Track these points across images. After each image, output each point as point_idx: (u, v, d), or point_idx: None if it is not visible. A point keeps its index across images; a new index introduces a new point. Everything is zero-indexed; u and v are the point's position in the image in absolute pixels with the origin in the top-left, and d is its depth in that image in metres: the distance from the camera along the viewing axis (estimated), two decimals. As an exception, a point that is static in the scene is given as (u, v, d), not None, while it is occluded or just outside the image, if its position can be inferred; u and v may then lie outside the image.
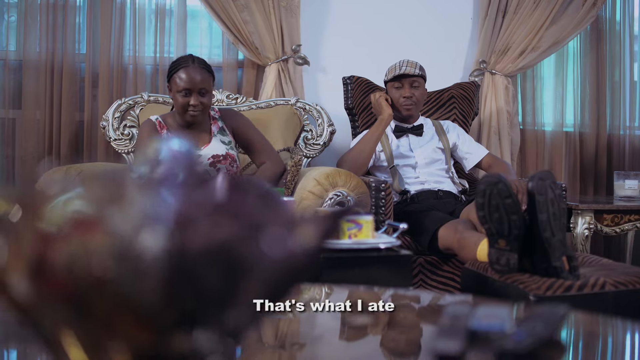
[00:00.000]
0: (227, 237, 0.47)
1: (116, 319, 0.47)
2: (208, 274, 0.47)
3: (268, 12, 3.34)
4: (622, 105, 3.79)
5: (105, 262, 0.45)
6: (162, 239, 0.46)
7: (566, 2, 3.59)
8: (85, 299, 0.46)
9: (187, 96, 2.47)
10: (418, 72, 2.88)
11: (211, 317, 0.51)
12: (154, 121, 2.56)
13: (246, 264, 0.47)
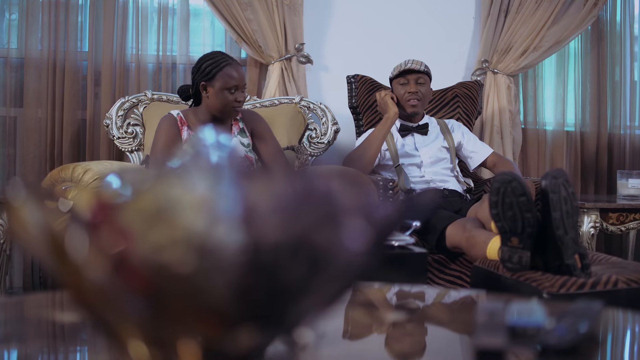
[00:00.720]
0: (305, 230, 0.46)
1: (189, 313, 0.47)
2: (285, 268, 0.47)
3: (271, 10, 3.34)
4: (623, 104, 3.80)
5: (183, 257, 0.45)
6: (238, 232, 0.46)
7: (568, 2, 3.60)
8: (161, 294, 0.46)
9: (232, 93, 2.47)
10: (423, 69, 2.88)
11: (282, 312, 0.50)
12: (175, 116, 2.54)
13: (325, 257, 0.47)
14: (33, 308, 0.96)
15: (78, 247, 0.44)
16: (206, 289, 0.46)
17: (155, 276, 0.44)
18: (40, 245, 0.49)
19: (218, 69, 2.46)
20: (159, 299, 0.45)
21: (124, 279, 0.44)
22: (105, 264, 0.44)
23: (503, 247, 1.86)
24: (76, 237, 0.44)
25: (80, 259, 0.44)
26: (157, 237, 0.44)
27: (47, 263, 0.50)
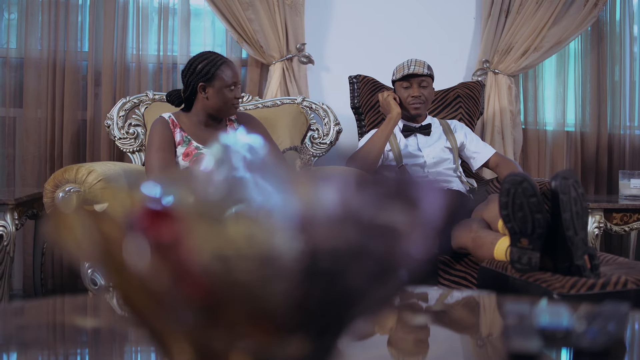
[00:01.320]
0: (366, 237, 0.45)
1: (245, 322, 0.46)
2: (343, 276, 0.46)
3: (273, 10, 3.33)
4: (622, 105, 3.81)
5: (243, 265, 0.44)
6: (297, 239, 0.45)
7: (568, 3, 3.61)
8: (218, 303, 0.45)
9: (232, 90, 2.47)
10: (426, 72, 2.88)
11: (336, 320, 0.49)
12: (166, 119, 2.53)
13: (386, 265, 0.46)
14: (55, 313, 0.95)
15: (138, 258, 0.43)
16: (264, 296, 0.45)
17: (214, 285, 0.43)
18: (92, 254, 0.48)
19: (215, 67, 2.45)
20: (216, 308, 0.44)
21: (183, 288, 0.43)
22: (166, 273, 0.43)
23: (512, 247, 1.85)
24: (135, 247, 0.43)
25: (140, 269, 0.43)
26: (217, 245, 0.43)
27: (100, 271, 0.49)
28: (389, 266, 0.46)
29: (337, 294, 0.47)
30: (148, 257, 0.42)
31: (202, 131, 2.52)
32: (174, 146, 2.47)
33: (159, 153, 2.42)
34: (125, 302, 0.49)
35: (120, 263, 0.45)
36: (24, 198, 2.56)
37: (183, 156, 2.45)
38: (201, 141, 2.49)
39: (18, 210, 2.49)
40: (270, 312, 0.45)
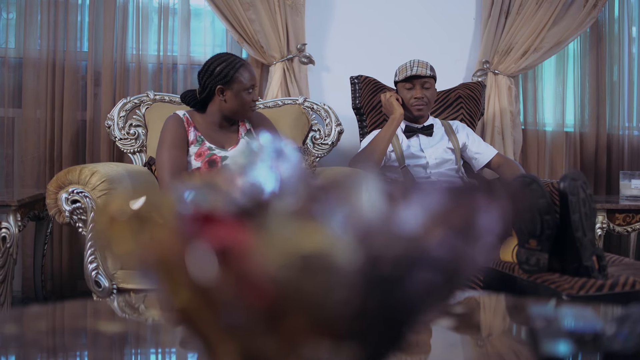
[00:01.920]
0: (425, 247, 0.45)
1: (304, 331, 0.45)
2: (404, 284, 0.46)
3: (273, 10, 3.32)
4: (621, 105, 3.83)
5: (305, 274, 0.43)
6: (358, 247, 0.44)
7: (568, 3, 3.62)
8: (278, 312, 0.44)
9: (250, 93, 2.47)
10: (429, 73, 2.88)
11: (394, 328, 0.49)
12: (181, 117, 2.51)
13: (447, 274, 0.45)
14: (76, 317, 0.94)
15: (203, 267, 0.42)
16: (325, 304, 0.44)
17: (278, 293, 0.42)
18: (147, 261, 0.47)
19: (234, 70, 2.43)
20: (276, 315, 0.44)
21: (246, 296, 0.42)
22: (231, 282, 0.42)
23: (520, 248, 1.85)
24: (200, 256, 0.42)
25: (205, 278, 0.42)
26: (284, 253, 0.43)
27: (153, 278, 0.48)
28: (450, 275, 0.45)
29: (396, 303, 0.46)
30: (214, 267, 0.41)
31: (215, 132, 2.52)
32: (187, 145, 2.46)
33: (171, 150, 2.40)
34: (177, 308, 0.48)
35: (177, 270, 0.44)
36: (27, 199, 2.54)
37: (195, 156, 2.44)
38: (214, 142, 2.49)
39: (20, 212, 2.47)
40: (329, 320, 0.45)
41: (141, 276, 0.52)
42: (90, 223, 2.22)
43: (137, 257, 0.48)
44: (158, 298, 0.53)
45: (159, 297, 0.54)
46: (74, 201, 2.24)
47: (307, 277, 0.42)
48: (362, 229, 0.45)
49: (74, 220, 2.25)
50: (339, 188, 0.49)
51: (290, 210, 0.44)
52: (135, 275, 2.23)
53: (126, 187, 2.36)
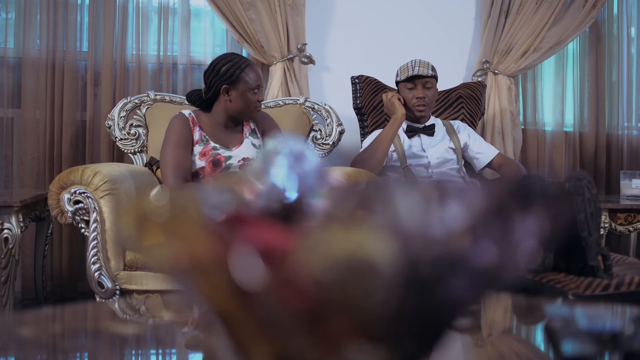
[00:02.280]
0: (468, 249, 0.45)
1: (344, 333, 0.45)
2: (444, 287, 0.45)
3: (274, 10, 3.32)
4: (620, 105, 3.84)
5: (347, 276, 0.43)
6: (399, 250, 0.44)
7: (567, 3, 3.62)
8: (322, 313, 0.44)
9: (256, 94, 2.46)
10: (431, 73, 2.88)
11: (431, 329, 0.49)
12: (187, 116, 2.50)
13: (489, 275, 0.45)
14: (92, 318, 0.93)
15: (247, 270, 0.42)
16: (367, 307, 0.44)
17: (321, 296, 0.42)
18: (180, 263, 0.47)
19: (240, 70, 2.43)
20: (318, 318, 0.43)
21: (289, 300, 0.42)
22: (274, 286, 0.41)
23: (526, 248, 1.85)
24: (244, 260, 0.42)
25: (250, 282, 0.42)
26: (324, 256, 0.42)
27: (184, 281, 0.48)
28: (488, 278, 0.45)
29: (433, 305, 0.46)
30: (260, 270, 0.41)
31: (220, 132, 2.51)
32: (192, 144, 2.45)
33: (175, 150, 2.39)
34: (215, 309, 0.47)
35: (216, 273, 0.44)
36: (28, 200, 2.53)
37: (200, 155, 2.43)
38: (219, 142, 2.48)
39: (22, 213, 2.46)
40: (369, 322, 0.44)
41: (171, 278, 0.51)
42: (93, 223, 2.21)
43: (168, 258, 0.47)
44: (185, 300, 0.53)
45: (188, 299, 0.53)
46: (76, 202, 2.23)
47: (351, 279, 0.41)
48: (402, 231, 0.44)
49: (76, 220, 2.24)
50: (377, 190, 0.49)
51: (332, 213, 0.44)
52: (138, 276, 2.23)
53: (129, 187, 2.35)
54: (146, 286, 2.23)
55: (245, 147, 2.51)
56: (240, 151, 2.48)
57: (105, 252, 2.22)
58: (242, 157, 2.46)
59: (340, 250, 0.41)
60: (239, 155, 2.46)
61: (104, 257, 2.21)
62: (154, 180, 2.66)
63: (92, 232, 2.21)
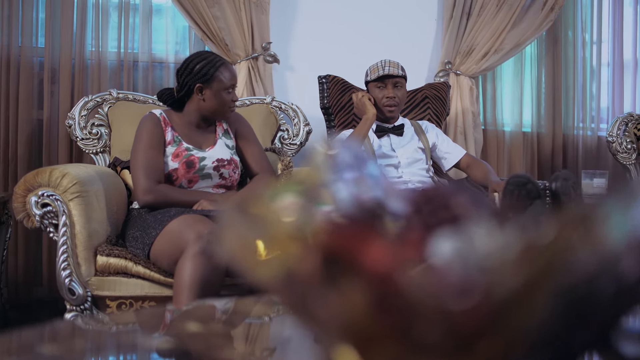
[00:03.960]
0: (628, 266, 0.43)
1: (495, 350, 0.42)
2: (597, 304, 0.43)
3: (238, 7, 3.26)
4: (576, 107, 3.94)
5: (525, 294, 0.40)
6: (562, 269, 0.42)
7: (526, 6, 3.69)
8: (482, 331, 0.41)
9: (230, 93, 2.39)
10: (401, 73, 2.88)
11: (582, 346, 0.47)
12: (158, 116, 2.41)
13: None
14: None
15: (423, 290, 0.38)
16: (522, 324, 0.41)
17: (486, 315, 0.39)
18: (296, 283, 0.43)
19: (214, 69, 2.36)
20: (476, 337, 0.40)
21: (455, 317, 0.39)
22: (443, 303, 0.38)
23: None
24: (430, 278, 0.39)
25: (423, 302, 0.38)
26: (497, 274, 0.40)
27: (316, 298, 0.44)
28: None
29: (587, 323, 0.44)
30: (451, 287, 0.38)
31: (193, 132, 2.44)
32: (164, 145, 2.37)
33: (146, 151, 2.31)
34: (347, 332, 0.44)
35: (356, 292, 0.40)
36: (-11, 203, 2.40)
37: (172, 156, 2.35)
38: (192, 142, 2.40)
39: (-18, 216, 2.34)
40: (524, 341, 0.42)
41: (284, 297, 0.48)
42: (62, 227, 2.11)
43: (275, 278, 0.44)
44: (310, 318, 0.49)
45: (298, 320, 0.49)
46: (44, 205, 2.13)
47: (521, 297, 0.38)
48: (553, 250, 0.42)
49: (44, 224, 2.14)
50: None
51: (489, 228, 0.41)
52: (111, 282, 2.14)
53: (98, 189, 2.27)
54: (119, 292, 2.15)
55: (219, 148, 2.44)
56: (214, 152, 2.41)
57: (75, 257, 2.13)
58: (216, 158, 2.40)
59: (509, 268, 0.39)
60: (213, 157, 2.39)
61: (74, 262, 2.12)
62: (119, 181, 2.57)
63: (61, 236, 2.12)
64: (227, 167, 2.41)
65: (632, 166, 3.53)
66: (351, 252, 0.44)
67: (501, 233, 0.43)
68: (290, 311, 0.50)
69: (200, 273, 1.93)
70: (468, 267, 0.41)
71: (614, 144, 3.53)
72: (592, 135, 3.97)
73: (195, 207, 2.25)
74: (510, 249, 0.41)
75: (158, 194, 2.26)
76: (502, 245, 0.43)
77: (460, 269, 0.41)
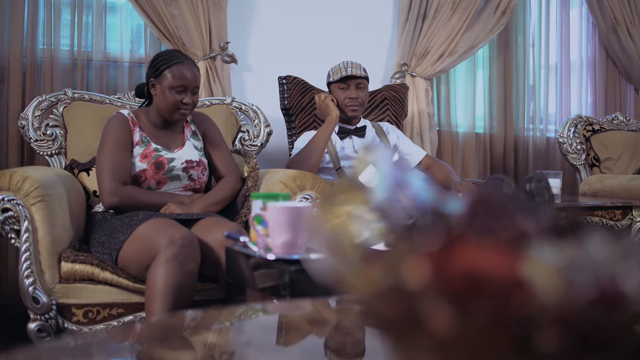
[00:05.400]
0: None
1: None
2: None
3: (196, 6, 3.20)
4: (526, 108, 4.04)
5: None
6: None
7: (479, 10, 3.76)
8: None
9: (180, 94, 2.30)
10: (363, 74, 2.89)
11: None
12: (126, 116, 2.34)
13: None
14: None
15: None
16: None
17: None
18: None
19: (167, 65, 2.30)
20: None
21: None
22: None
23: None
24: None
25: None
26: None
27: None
28: None
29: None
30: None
31: (160, 133, 2.37)
32: (131, 146, 2.29)
33: (113, 152, 2.23)
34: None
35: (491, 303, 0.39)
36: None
37: (141, 157, 2.28)
38: (160, 143, 2.34)
39: None
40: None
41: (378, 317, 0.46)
42: (24, 233, 2.02)
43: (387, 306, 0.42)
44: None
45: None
46: (4, 210, 2.04)
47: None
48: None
49: (5, 230, 2.05)
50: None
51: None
52: (76, 289, 2.07)
53: (60, 193, 2.18)
54: (85, 299, 2.07)
55: (188, 149, 2.39)
56: (183, 153, 2.36)
57: (39, 264, 2.04)
58: (185, 159, 2.34)
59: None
60: (182, 158, 2.34)
61: (38, 269, 2.03)
62: (78, 184, 2.49)
63: (23, 242, 2.03)
64: (196, 168, 2.36)
65: (581, 166, 3.64)
66: (472, 263, 0.43)
67: (616, 242, 0.43)
68: (383, 324, 0.49)
69: (173, 279, 1.88)
70: (601, 275, 0.40)
71: (565, 145, 3.64)
72: (541, 136, 4.08)
73: (163, 211, 2.19)
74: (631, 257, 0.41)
75: (124, 196, 2.19)
76: (622, 253, 0.42)
77: (593, 278, 0.40)
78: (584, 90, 4.25)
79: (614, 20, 4.12)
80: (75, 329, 2.05)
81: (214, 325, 0.98)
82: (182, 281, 1.90)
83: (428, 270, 0.44)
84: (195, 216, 2.18)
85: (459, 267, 0.44)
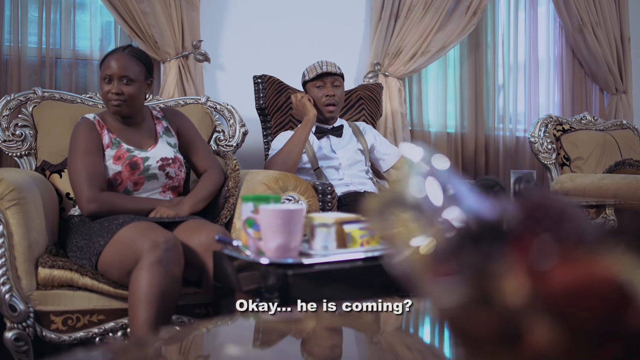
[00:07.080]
0: None
1: None
2: None
3: (168, 4, 3.14)
4: (496, 108, 4.08)
5: None
6: None
7: (451, 10, 3.78)
8: None
9: (108, 84, 2.24)
10: (339, 71, 2.87)
11: None
12: (92, 120, 2.26)
13: None
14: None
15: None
16: None
17: None
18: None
19: (105, 56, 2.28)
20: None
21: None
22: None
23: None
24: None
25: None
26: None
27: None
28: None
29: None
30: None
31: (130, 132, 2.30)
32: (102, 149, 2.22)
33: (85, 158, 2.16)
34: None
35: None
36: None
37: (114, 159, 2.21)
38: (131, 143, 2.27)
39: None
40: None
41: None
42: (1, 242, 1.94)
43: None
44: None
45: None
46: (-23, 214, 1.96)
47: None
48: None
49: (-22, 236, 1.96)
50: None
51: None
52: (54, 296, 2.00)
53: (35, 196, 2.11)
54: (64, 306, 2.00)
55: (161, 146, 2.33)
56: (157, 151, 2.30)
57: (15, 270, 1.96)
58: (159, 157, 2.28)
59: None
60: (156, 156, 2.28)
61: (14, 275, 1.96)
62: (51, 187, 2.41)
63: (-1, 247, 1.95)
64: (172, 165, 2.30)
65: (552, 165, 3.69)
66: (575, 277, 0.41)
67: None
68: (470, 340, 0.46)
69: (158, 284, 1.83)
70: None
71: (536, 145, 3.68)
72: (511, 136, 4.13)
73: (153, 215, 2.13)
74: None
75: (102, 202, 2.12)
76: None
77: None
78: (551, 89, 4.31)
79: (580, 21, 4.19)
80: (54, 337, 1.98)
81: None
82: (167, 286, 1.85)
83: (530, 286, 0.42)
84: (178, 219, 2.13)
85: (563, 281, 0.42)
